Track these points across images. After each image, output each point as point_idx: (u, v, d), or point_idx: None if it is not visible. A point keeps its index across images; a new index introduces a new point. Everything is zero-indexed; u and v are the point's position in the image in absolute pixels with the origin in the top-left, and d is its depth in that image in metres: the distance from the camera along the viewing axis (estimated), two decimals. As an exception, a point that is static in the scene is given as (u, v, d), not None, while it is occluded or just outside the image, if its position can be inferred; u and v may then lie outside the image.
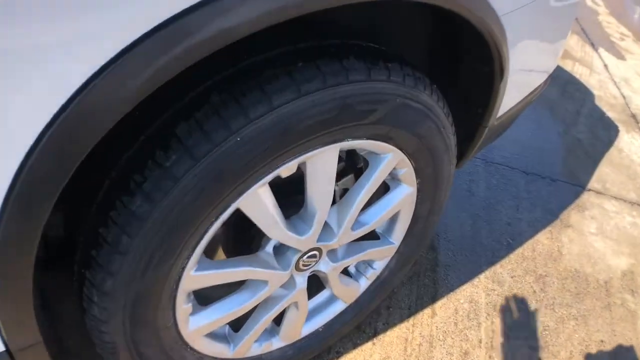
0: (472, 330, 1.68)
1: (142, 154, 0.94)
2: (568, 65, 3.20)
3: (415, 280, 1.82)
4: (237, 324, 1.36)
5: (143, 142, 0.95)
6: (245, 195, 1.01)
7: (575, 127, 2.72)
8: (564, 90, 2.99)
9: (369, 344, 1.64)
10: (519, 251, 1.95)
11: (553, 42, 1.52)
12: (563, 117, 2.78)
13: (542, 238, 2.02)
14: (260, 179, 1.01)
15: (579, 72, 3.16)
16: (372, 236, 1.49)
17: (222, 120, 0.91)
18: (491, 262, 1.90)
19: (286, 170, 1.04)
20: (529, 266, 1.91)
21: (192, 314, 1.18)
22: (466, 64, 1.38)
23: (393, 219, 1.46)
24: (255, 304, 1.27)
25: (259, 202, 1.05)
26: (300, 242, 1.20)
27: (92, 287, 1.01)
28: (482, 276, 1.84)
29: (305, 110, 0.96)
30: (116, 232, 0.94)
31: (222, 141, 0.91)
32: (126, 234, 0.94)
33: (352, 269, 1.55)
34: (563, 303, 1.84)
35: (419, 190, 1.37)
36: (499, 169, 2.29)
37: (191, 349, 1.24)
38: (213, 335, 1.32)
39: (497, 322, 1.72)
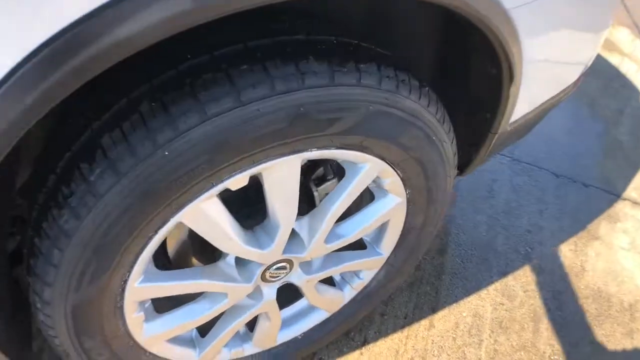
0: (471, 348, 1.59)
1: (71, 167, 0.90)
2: (615, 60, 2.93)
3: (416, 287, 1.73)
4: (206, 328, 1.33)
5: (72, 154, 0.91)
6: (186, 209, 0.94)
7: (617, 128, 2.49)
8: (607, 86, 2.74)
9: (356, 353, 1.57)
10: (536, 263, 1.81)
11: (584, 39, 1.36)
12: (604, 115, 2.55)
13: (565, 250, 1.88)
14: (202, 194, 0.94)
15: (626, 67, 2.89)
16: (359, 245, 1.42)
17: (149, 132, 0.84)
18: (504, 272, 1.78)
19: (235, 183, 0.97)
20: (546, 280, 1.78)
21: (147, 321, 1.16)
22: (474, 64, 1.27)
23: (382, 229, 1.38)
24: (214, 316, 1.23)
25: (204, 217, 0.99)
26: (262, 255, 1.14)
27: (34, 295, 1.00)
28: (491, 288, 1.73)
29: (248, 120, 0.87)
30: (48, 245, 0.91)
31: (147, 156, 0.85)
32: (57, 247, 0.91)
33: (337, 277, 1.48)
34: (580, 325, 1.71)
35: (409, 202, 1.27)
36: (527, 169, 2.13)
37: (150, 353, 1.22)
38: (177, 340, 1.28)
39: (502, 341, 1.62)
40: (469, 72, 1.26)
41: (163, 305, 1.23)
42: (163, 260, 1.31)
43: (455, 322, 1.65)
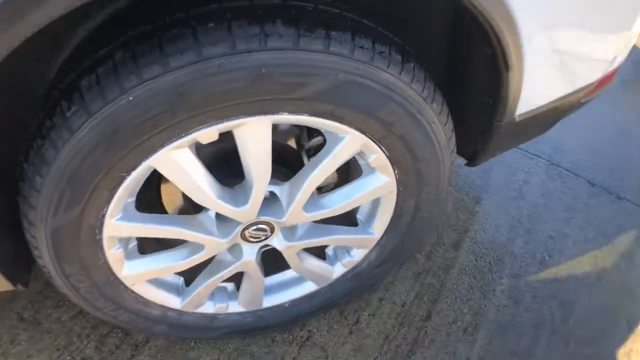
0: (463, 345, 1.60)
1: (55, 104, 1.02)
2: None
3: (421, 277, 1.76)
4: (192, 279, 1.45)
5: (59, 92, 1.04)
6: (156, 155, 1.05)
7: (664, 142, 2.36)
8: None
9: (345, 331, 1.63)
10: (552, 270, 1.78)
11: (603, 34, 1.31)
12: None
13: (585, 261, 1.83)
14: (170, 142, 1.03)
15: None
16: (352, 222, 1.48)
17: (117, 78, 0.95)
18: (516, 275, 1.76)
19: (203, 136, 1.05)
20: (558, 290, 1.74)
21: (128, 259, 1.28)
22: (471, 44, 1.28)
23: (374, 209, 1.43)
24: (191, 265, 1.33)
25: (174, 165, 1.08)
26: (237, 213, 1.22)
27: (22, 216, 1.14)
28: (499, 289, 1.72)
29: (209, 75, 0.95)
30: (32, 171, 1.05)
31: (114, 99, 0.96)
32: (39, 173, 1.04)
33: (330, 252, 1.55)
34: (581, 340, 1.67)
35: (399, 183, 1.31)
36: (562, 174, 2.07)
37: (132, 292, 1.35)
38: (163, 284, 1.41)
39: (497, 343, 1.61)
40: (468, 52, 1.28)
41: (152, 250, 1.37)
42: (160, 210, 1.44)
43: (454, 318, 1.67)
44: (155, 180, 1.39)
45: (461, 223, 1.93)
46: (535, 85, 1.27)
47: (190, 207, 1.41)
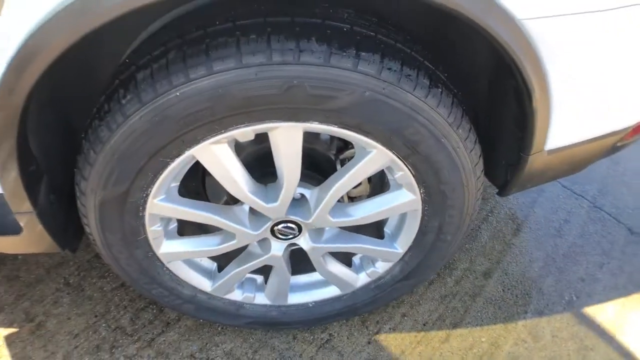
0: (475, 371, 1.66)
1: (113, 91, 1.19)
2: None
3: (447, 300, 1.83)
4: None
5: (118, 82, 1.21)
6: (197, 147, 1.20)
7: None
8: None
9: (364, 340, 1.73)
10: (576, 312, 1.80)
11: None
12: None
13: (610, 308, 1.83)
14: (211, 136, 1.18)
15: None
16: (379, 235, 1.59)
17: (168, 75, 1.12)
18: (540, 313, 1.80)
19: (240, 134, 1.20)
20: (579, 332, 1.76)
21: (167, 238, 1.45)
22: (498, 74, 1.36)
23: (400, 225, 1.53)
24: (222, 252, 1.48)
25: (215, 158, 1.24)
26: (266, 209, 1.36)
27: (76, 185, 1.33)
28: (520, 323, 1.77)
29: (246, 81, 1.10)
30: (88, 147, 1.23)
31: (164, 92, 1.12)
32: (93, 150, 1.22)
33: (356, 260, 1.66)
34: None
35: (424, 202, 1.41)
36: (604, 218, 2.08)
37: (167, 269, 1.51)
38: (196, 266, 1.57)
39: (509, 376, 1.67)
40: (500, 82, 1.36)
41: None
42: (204, 200, 1.60)
43: (471, 344, 1.73)
44: (200, 172, 1.55)
45: (495, 253, 1.98)
46: (565, 123, 1.33)
47: (231, 200, 1.55)
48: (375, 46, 1.16)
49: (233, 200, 1.51)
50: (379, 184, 1.64)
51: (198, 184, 1.56)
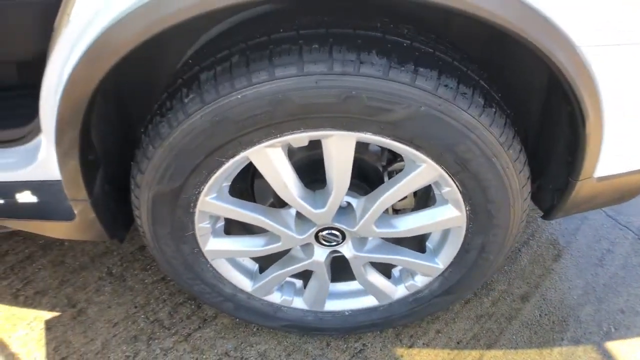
0: (506, 394, 1.68)
1: (176, 90, 1.26)
2: None
3: (483, 320, 1.84)
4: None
5: (181, 81, 1.27)
6: (253, 149, 1.26)
7: None
8: None
9: (397, 353, 1.76)
10: (613, 344, 1.79)
11: None
12: None
13: None
14: (267, 139, 1.24)
15: None
16: (421, 248, 1.62)
17: (231, 78, 1.17)
18: (576, 341, 1.79)
19: (295, 140, 1.25)
20: (616, 365, 1.78)
21: (214, 236, 1.51)
22: (553, 100, 1.39)
23: (443, 240, 1.57)
24: (266, 253, 1.53)
25: (268, 161, 1.29)
26: (313, 214, 1.41)
27: (132, 178, 1.40)
28: (555, 350, 1.77)
29: (306, 89, 1.15)
30: (147, 142, 1.30)
31: (226, 94, 1.18)
32: (152, 145, 1.28)
33: (396, 272, 1.69)
34: None
35: (469, 219, 1.44)
36: None
37: (211, 266, 1.57)
38: (239, 266, 1.62)
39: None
40: (549, 105, 1.39)
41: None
42: (250, 199, 1.66)
43: (505, 366, 1.75)
44: (250, 174, 1.61)
45: (534, 277, 1.99)
46: (616, 151, 1.35)
47: (277, 203, 1.61)
48: (433, 63, 1.20)
49: (279, 204, 1.56)
50: (423, 198, 1.68)
51: (247, 185, 1.62)
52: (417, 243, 1.63)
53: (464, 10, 1.06)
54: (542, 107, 1.47)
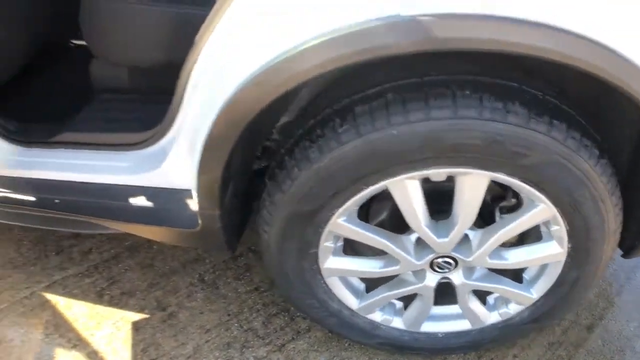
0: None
1: (328, 119, 1.40)
2: None
3: (554, 347, 1.97)
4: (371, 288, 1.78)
5: (331, 111, 1.41)
6: (394, 179, 1.39)
7: None
8: None
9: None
10: None
11: None
12: None
13: None
14: (409, 172, 1.37)
15: None
16: (517, 277, 1.75)
17: (388, 114, 1.30)
18: (631, 369, 1.95)
19: (434, 174, 1.38)
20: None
21: (334, 255, 1.63)
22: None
23: (540, 272, 1.69)
24: (383, 275, 1.66)
25: (404, 191, 1.42)
26: (436, 243, 1.54)
27: (267, 195, 1.53)
28: (614, 377, 1.92)
29: (457, 130, 1.29)
30: (293, 164, 1.43)
31: (381, 128, 1.31)
32: (298, 167, 1.42)
33: (490, 300, 1.81)
34: None
35: (569, 255, 1.57)
36: None
37: (324, 283, 1.70)
38: (349, 285, 1.75)
39: None
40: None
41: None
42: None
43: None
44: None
45: (599, 309, 2.14)
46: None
47: (389, 227, 1.73)
48: (563, 115, 1.35)
49: (392, 228, 1.68)
50: (523, 233, 1.81)
51: (365, 207, 1.74)
52: (513, 273, 1.76)
53: (589, 71, 1.19)
54: (632, 155, 1.59)
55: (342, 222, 1.52)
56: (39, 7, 2.21)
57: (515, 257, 1.62)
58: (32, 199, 1.82)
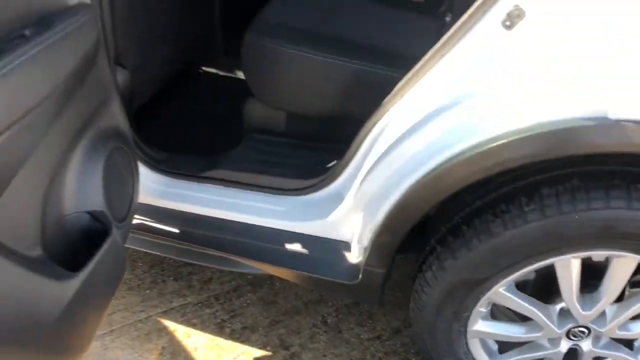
0: None
1: (512, 196, 1.61)
2: None
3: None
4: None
5: (515, 188, 1.63)
6: (562, 257, 1.61)
7: None
8: None
9: None
10: None
11: None
12: None
13: None
14: (577, 252, 1.59)
15: None
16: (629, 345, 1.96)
17: (573, 200, 1.53)
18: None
19: (597, 255, 1.62)
20: None
21: (483, 319, 1.84)
22: None
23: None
24: (524, 340, 1.87)
25: (567, 268, 1.64)
26: (580, 315, 1.76)
27: (436, 260, 1.73)
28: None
29: (629, 219, 1.50)
30: (472, 234, 1.64)
31: (566, 212, 1.54)
32: (477, 238, 1.63)
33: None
34: None
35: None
36: None
37: (466, 344, 1.91)
38: (485, 346, 1.95)
39: None
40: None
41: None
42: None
43: None
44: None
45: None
46: None
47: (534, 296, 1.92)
48: None
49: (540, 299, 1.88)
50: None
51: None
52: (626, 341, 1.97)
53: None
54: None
55: (503, 291, 1.73)
56: (185, 29, 2.26)
57: (638, 328, 1.84)
58: (175, 230, 1.91)
